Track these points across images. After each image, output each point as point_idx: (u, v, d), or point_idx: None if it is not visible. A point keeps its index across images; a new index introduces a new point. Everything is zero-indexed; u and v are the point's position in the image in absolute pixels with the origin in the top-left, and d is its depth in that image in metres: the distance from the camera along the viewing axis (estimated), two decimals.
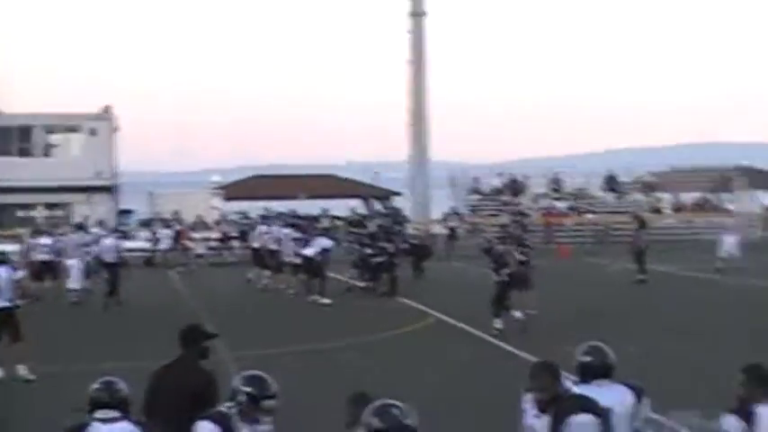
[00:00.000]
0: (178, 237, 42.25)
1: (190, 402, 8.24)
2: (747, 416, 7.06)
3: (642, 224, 32.62)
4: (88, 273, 29.41)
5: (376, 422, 5.70)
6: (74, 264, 28.97)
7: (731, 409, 7.16)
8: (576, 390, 7.46)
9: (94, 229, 33.81)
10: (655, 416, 7.78)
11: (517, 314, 21.99)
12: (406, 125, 53.96)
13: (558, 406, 7.09)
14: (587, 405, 7.16)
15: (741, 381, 7.22)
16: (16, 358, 17.39)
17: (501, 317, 21.58)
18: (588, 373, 7.75)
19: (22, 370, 17.38)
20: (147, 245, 42.85)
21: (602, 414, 7.13)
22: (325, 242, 29.62)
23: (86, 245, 30.14)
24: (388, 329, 22.63)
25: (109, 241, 28.97)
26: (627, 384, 7.76)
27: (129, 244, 44.85)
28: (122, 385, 7.43)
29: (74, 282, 28.83)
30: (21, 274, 18.30)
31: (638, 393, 7.73)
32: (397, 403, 5.80)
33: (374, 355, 19.37)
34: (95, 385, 7.39)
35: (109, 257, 28.24)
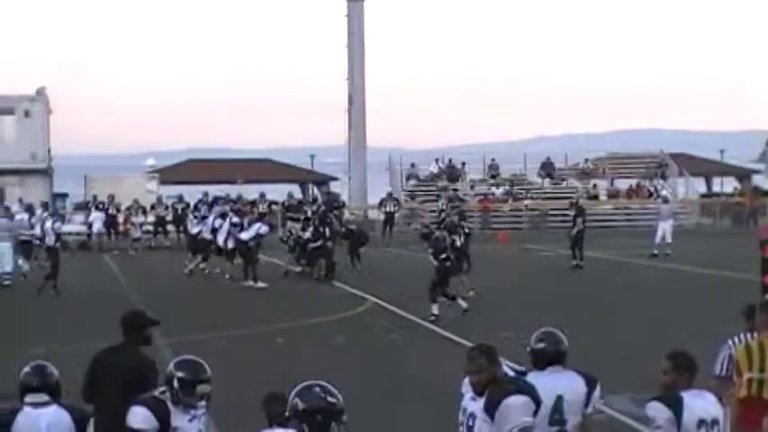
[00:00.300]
0: (112, 221, 41.99)
1: (130, 388, 8.18)
2: (673, 403, 7.11)
3: (580, 211, 32.82)
4: (28, 255, 29.27)
5: (299, 403, 5.78)
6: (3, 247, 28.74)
7: (657, 395, 7.20)
8: (510, 373, 7.46)
9: (38, 212, 33.66)
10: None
11: (463, 305, 21.97)
12: (343, 110, 53.87)
13: (493, 388, 7.10)
14: (522, 388, 7.17)
15: (666, 367, 7.25)
16: None
17: (438, 302, 21.63)
18: (542, 360, 7.77)
19: None
20: (82, 228, 42.62)
21: (536, 398, 7.15)
22: (261, 227, 29.56)
23: (20, 227, 29.95)
24: (323, 314, 22.62)
25: (49, 224, 28.65)
26: (580, 372, 7.78)
27: (64, 228, 44.37)
28: (53, 369, 7.33)
29: (6, 265, 28.55)
30: None
31: (591, 382, 7.75)
32: (321, 383, 5.87)
33: (308, 340, 19.33)
34: (26, 369, 7.29)
35: (49, 241, 27.95)
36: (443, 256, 22.22)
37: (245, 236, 29.04)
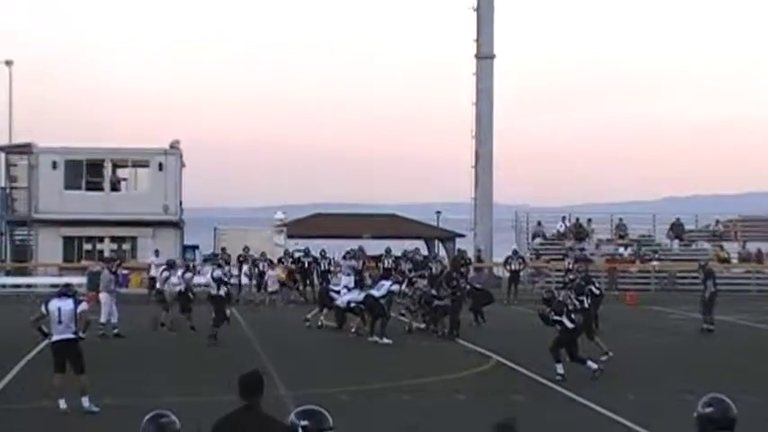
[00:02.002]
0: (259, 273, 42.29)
1: None
2: None
3: (709, 274, 32.16)
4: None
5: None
6: (104, 298, 29.66)
7: None
8: None
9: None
10: None
11: (593, 366, 21.69)
12: (470, 167, 53.93)
13: None
14: None
15: None
16: (80, 390, 17.59)
17: (562, 362, 21.40)
18: (709, 426, 7.66)
19: (85, 402, 17.57)
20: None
21: None
22: (392, 285, 29.80)
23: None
24: (447, 372, 22.55)
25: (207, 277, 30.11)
26: None
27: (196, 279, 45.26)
28: (173, 418, 7.35)
29: (104, 316, 29.34)
30: (85, 306, 18.69)
31: None
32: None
33: (430, 397, 19.27)
34: (146, 418, 7.35)
35: (212, 290, 29.28)
36: (566, 318, 21.95)
37: (376, 293, 29.20)
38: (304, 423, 7.14)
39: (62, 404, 17.51)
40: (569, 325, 21.75)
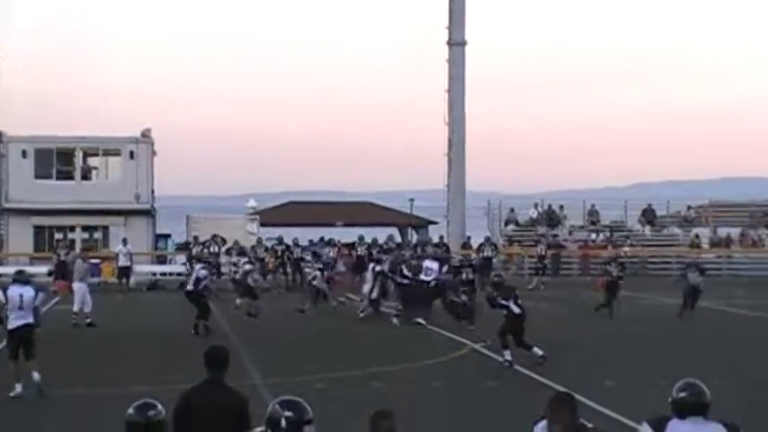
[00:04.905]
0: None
1: (228, 426, 8.21)
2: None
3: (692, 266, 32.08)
4: None
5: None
6: (78, 287, 29.62)
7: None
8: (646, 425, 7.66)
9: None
10: None
11: (539, 352, 21.71)
12: (443, 154, 53.93)
13: None
14: None
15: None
16: (29, 368, 17.80)
17: (509, 348, 21.49)
18: (683, 410, 7.72)
19: (36, 375, 17.74)
20: (182, 269, 43.11)
21: None
22: (438, 268, 30.77)
23: None
24: (421, 359, 22.56)
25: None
26: (723, 423, 7.71)
27: (165, 268, 45.29)
28: (159, 408, 7.33)
29: (77, 305, 29.29)
30: (42, 296, 18.91)
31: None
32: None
33: (404, 384, 19.30)
34: (130, 410, 7.32)
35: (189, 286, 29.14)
36: (512, 302, 22.02)
37: (426, 278, 30.25)
38: (288, 414, 7.11)
39: (18, 388, 17.60)
40: (516, 310, 21.79)
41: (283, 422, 7.09)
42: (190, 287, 27.89)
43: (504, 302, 21.86)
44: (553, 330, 27.87)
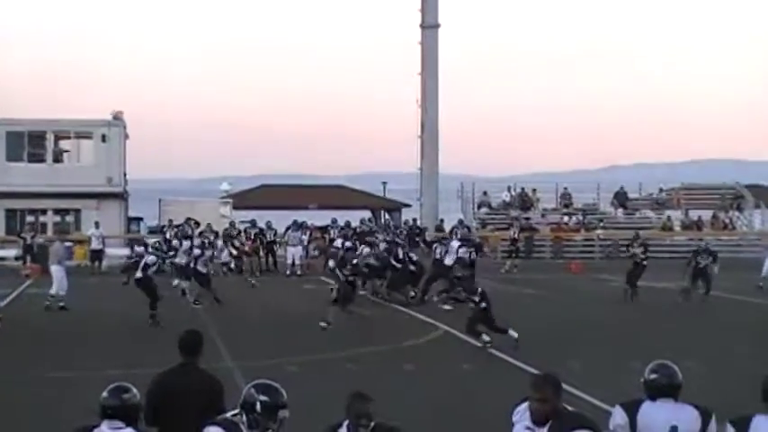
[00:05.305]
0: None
1: (202, 409, 8.22)
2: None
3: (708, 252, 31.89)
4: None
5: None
6: (56, 270, 29.45)
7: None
8: (647, 404, 7.71)
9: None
10: None
11: (515, 334, 21.81)
12: (416, 137, 53.92)
13: (556, 420, 7.11)
14: (585, 421, 7.20)
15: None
16: None
17: (482, 333, 21.58)
18: (655, 391, 7.76)
19: None
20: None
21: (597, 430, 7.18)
22: (458, 247, 30.35)
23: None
24: (395, 341, 22.60)
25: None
26: (694, 405, 7.75)
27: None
28: (134, 392, 7.35)
29: (54, 288, 29.12)
30: None
31: (706, 415, 7.71)
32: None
33: (378, 367, 19.31)
34: (104, 393, 7.33)
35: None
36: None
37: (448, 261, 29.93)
38: (263, 398, 7.11)
39: None
40: (483, 305, 21.88)
41: (258, 406, 7.08)
42: (139, 274, 26.78)
43: (468, 296, 22.02)
44: (527, 313, 27.98)
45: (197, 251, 30.78)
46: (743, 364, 18.48)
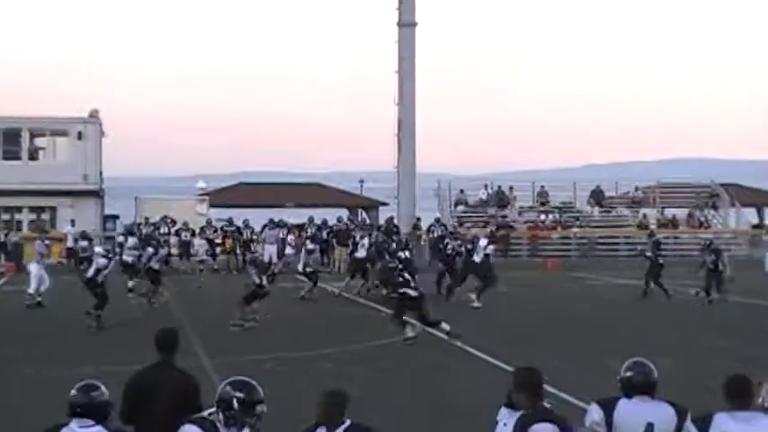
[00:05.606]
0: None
1: (178, 407, 8.20)
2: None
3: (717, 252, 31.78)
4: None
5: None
6: (35, 268, 29.40)
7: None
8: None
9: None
10: None
11: (447, 327, 22.07)
12: (393, 135, 53.88)
13: (525, 415, 7.24)
14: (550, 416, 7.28)
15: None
16: None
17: (410, 324, 21.98)
18: (630, 389, 7.79)
19: None
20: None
21: (566, 428, 7.25)
22: (486, 245, 30.25)
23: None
24: (369, 339, 22.59)
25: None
26: (670, 403, 7.80)
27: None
28: (103, 390, 7.32)
29: (33, 285, 29.06)
30: None
31: (681, 413, 7.75)
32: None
33: (353, 365, 19.30)
34: (73, 391, 7.32)
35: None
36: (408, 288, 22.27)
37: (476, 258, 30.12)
38: (239, 395, 7.11)
39: None
40: (413, 294, 22.00)
41: (235, 403, 7.09)
42: (90, 273, 25.95)
43: (401, 290, 22.17)
44: (503, 311, 28.05)
45: (150, 249, 30.41)
46: (720, 362, 18.56)
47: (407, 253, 30.44)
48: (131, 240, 33.32)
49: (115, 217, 51.90)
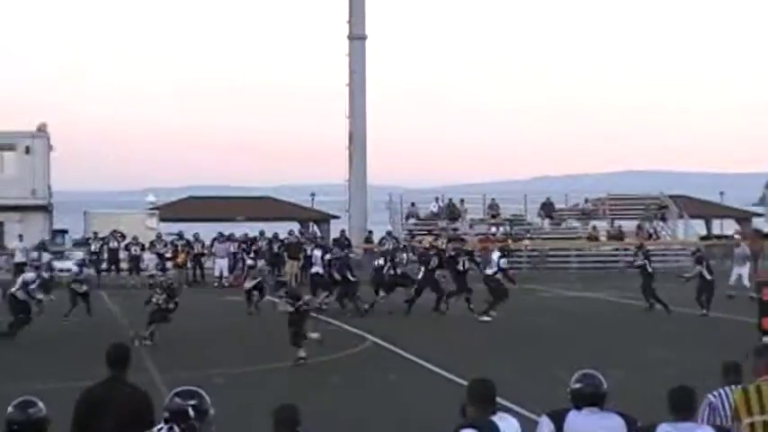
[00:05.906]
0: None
1: (129, 423, 8.11)
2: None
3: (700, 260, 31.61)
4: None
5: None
6: None
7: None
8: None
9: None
10: None
11: (314, 336, 21.91)
12: (344, 148, 53.91)
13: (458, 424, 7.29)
14: (481, 425, 7.25)
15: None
16: None
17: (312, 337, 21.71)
18: (580, 400, 7.81)
19: None
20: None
21: (486, 429, 7.24)
22: (499, 257, 30.44)
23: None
24: (321, 354, 22.50)
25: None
26: (620, 414, 7.82)
27: (60, 264, 44.48)
28: (40, 406, 7.19)
29: None
30: None
31: (631, 423, 7.79)
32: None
33: (304, 379, 19.24)
34: (10, 408, 7.19)
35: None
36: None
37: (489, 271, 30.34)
38: (193, 403, 7.03)
39: None
40: (290, 309, 22.04)
41: (191, 412, 7.00)
42: (13, 289, 25.13)
43: (290, 300, 22.21)
44: (455, 323, 28.09)
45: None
46: (670, 373, 18.67)
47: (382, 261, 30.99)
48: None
49: (64, 232, 51.45)
